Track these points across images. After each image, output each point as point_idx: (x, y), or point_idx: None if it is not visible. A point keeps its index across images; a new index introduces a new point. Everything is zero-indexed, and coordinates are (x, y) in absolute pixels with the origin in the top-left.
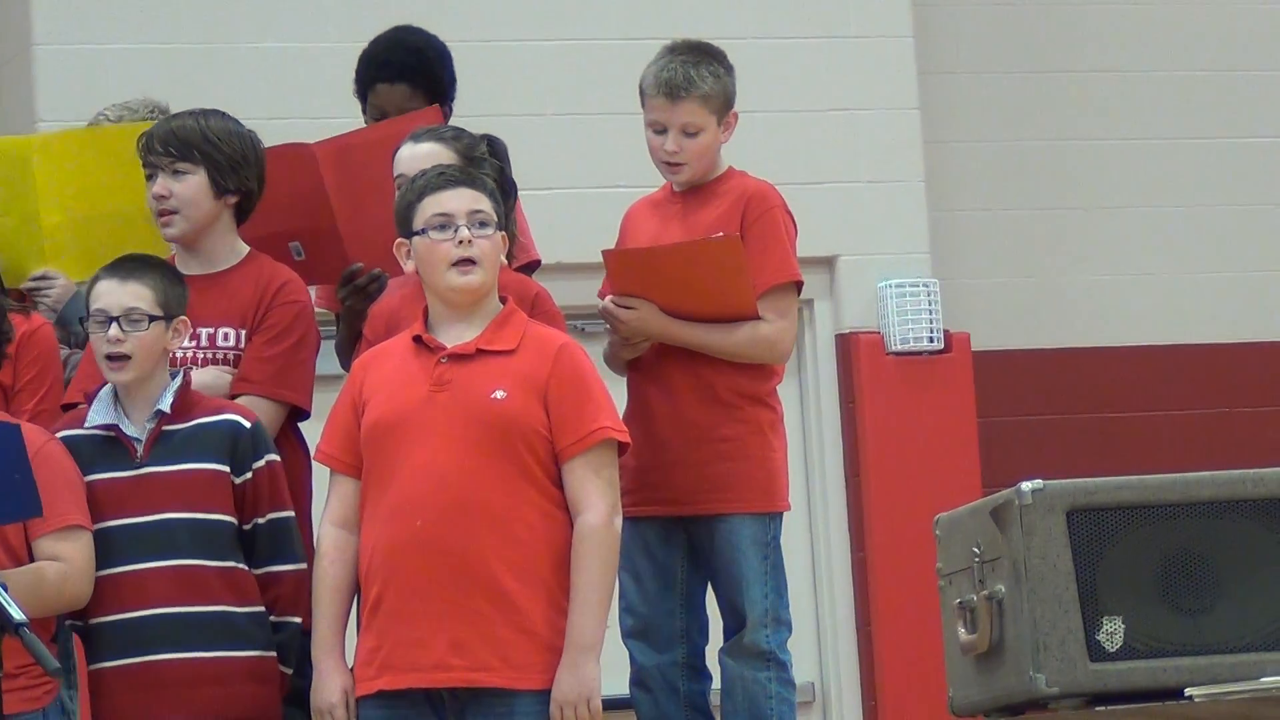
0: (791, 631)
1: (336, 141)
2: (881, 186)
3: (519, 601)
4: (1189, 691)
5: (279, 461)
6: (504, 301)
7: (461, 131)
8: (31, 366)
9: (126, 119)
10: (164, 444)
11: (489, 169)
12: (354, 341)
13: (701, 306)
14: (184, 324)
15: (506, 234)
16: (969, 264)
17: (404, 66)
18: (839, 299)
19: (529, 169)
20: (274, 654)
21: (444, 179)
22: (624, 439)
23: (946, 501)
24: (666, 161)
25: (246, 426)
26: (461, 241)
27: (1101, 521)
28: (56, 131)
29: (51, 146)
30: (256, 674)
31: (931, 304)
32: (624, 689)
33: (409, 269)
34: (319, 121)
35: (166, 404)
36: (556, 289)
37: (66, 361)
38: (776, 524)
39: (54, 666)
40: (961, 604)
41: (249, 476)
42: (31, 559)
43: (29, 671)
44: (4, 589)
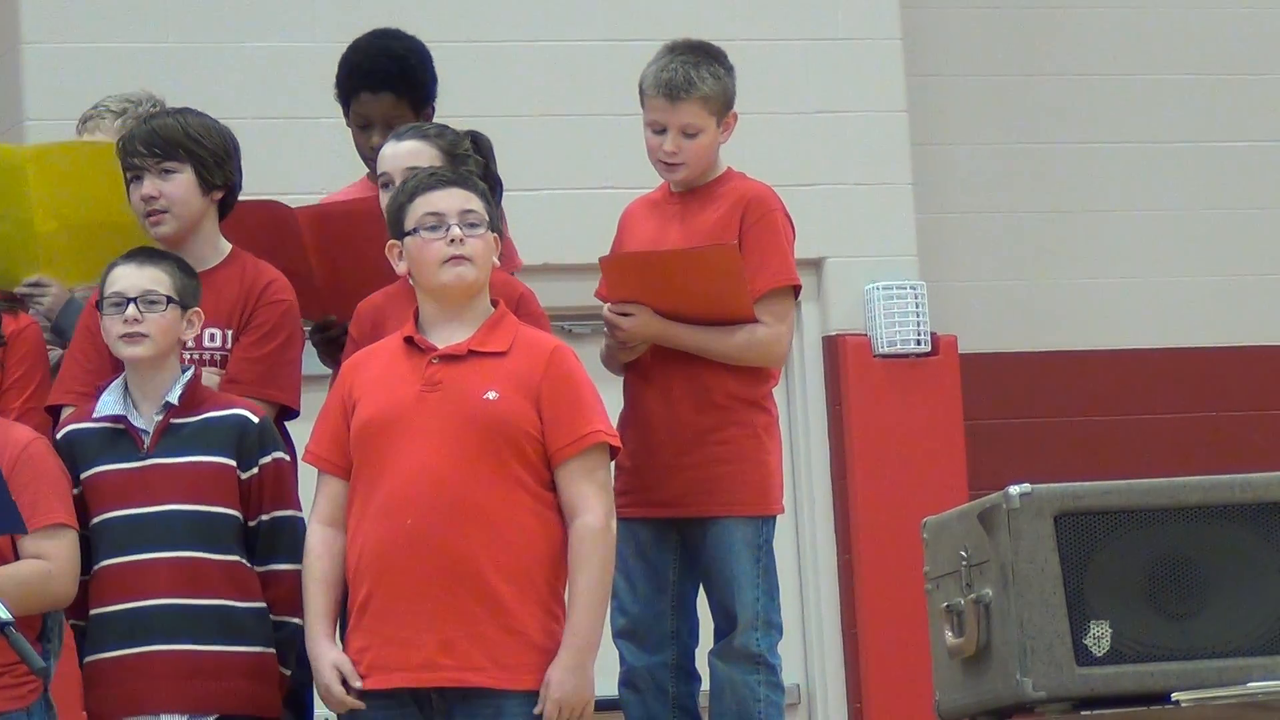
0: (782, 635)
1: (314, 208)
2: (869, 189)
3: (508, 602)
4: (1176, 696)
5: (286, 460)
6: (495, 304)
7: (445, 128)
8: (19, 365)
9: (129, 110)
10: (171, 436)
11: (472, 165)
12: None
13: (698, 311)
14: (198, 315)
15: (497, 234)
16: (956, 267)
17: (388, 75)
18: (826, 301)
19: (519, 170)
20: (274, 651)
21: (435, 179)
22: (616, 443)
23: (933, 504)
24: (664, 161)
25: (254, 422)
26: (453, 240)
27: (1089, 526)
28: (51, 143)
29: (46, 157)
30: (255, 670)
31: (919, 306)
32: (613, 690)
33: (401, 270)
34: (307, 121)
35: (175, 396)
36: (547, 290)
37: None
38: (770, 527)
39: (39, 665)
40: (948, 607)
41: (255, 472)
42: (17, 557)
43: (13, 670)
44: None
